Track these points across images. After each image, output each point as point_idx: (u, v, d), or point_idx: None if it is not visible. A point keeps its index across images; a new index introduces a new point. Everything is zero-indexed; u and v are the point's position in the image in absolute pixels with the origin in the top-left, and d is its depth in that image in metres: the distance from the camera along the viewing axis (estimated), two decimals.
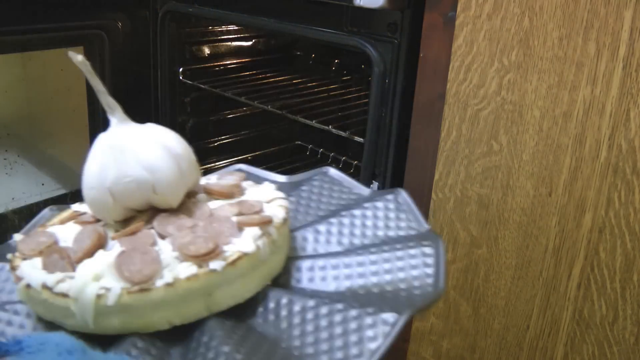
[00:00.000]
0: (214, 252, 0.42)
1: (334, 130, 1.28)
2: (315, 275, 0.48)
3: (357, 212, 0.55)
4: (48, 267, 0.43)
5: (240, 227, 0.45)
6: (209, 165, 1.60)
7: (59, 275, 0.42)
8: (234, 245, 0.43)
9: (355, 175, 1.70)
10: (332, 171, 0.62)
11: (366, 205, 0.56)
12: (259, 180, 0.60)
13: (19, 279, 0.44)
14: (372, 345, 0.40)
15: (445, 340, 1.00)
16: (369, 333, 0.41)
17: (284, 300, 0.44)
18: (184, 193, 0.48)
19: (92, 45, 1.33)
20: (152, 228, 0.46)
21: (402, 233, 0.53)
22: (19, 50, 1.49)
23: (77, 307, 0.40)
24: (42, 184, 1.60)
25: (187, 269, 0.41)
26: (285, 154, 1.79)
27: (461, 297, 0.96)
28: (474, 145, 0.88)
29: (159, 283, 0.40)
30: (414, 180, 0.98)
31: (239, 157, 1.68)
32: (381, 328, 0.41)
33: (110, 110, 0.48)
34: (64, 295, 0.40)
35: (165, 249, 0.43)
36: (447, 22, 0.87)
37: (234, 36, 1.62)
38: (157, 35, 1.38)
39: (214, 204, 0.49)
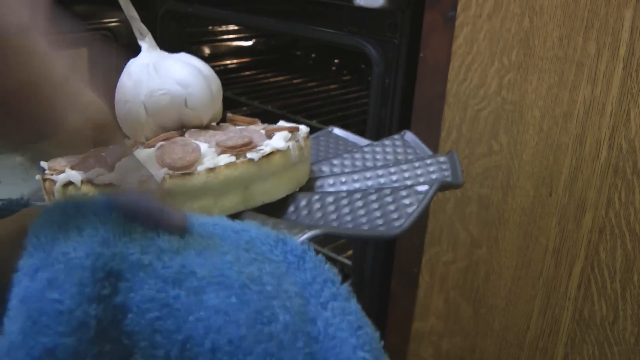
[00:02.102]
0: (250, 145, 0.44)
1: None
2: (339, 188, 0.51)
3: (367, 149, 0.58)
4: (85, 169, 0.42)
5: (269, 134, 0.47)
6: None
7: (98, 169, 0.41)
8: (267, 145, 0.46)
9: None
10: (337, 130, 0.65)
11: (375, 143, 0.59)
12: None
13: (53, 182, 0.43)
14: (409, 209, 0.44)
15: (445, 341, 1.00)
16: (405, 201, 0.45)
17: (316, 197, 0.47)
18: (213, 112, 0.50)
19: (96, 47, 1.33)
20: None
21: (412, 157, 0.57)
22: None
23: None
24: None
25: (226, 159, 0.43)
26: None
27: (461, 297, 0.96)
28: (474, 145, 0.88)
29: (200, 169, 0.41)
30: None
31: None
32: (415, 197, 0.45)
33: (141, 37, 0.51)
34: (106, 185, 0.39)
35: (203, 145, 0.44)
36: (447, 22, 0.87)
37: (234, 36, 1.62)
38: (157, 35, 1.38)
39: (239, 127, 0.51)
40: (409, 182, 0.50)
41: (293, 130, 0.49)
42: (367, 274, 1.11)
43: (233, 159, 0.43)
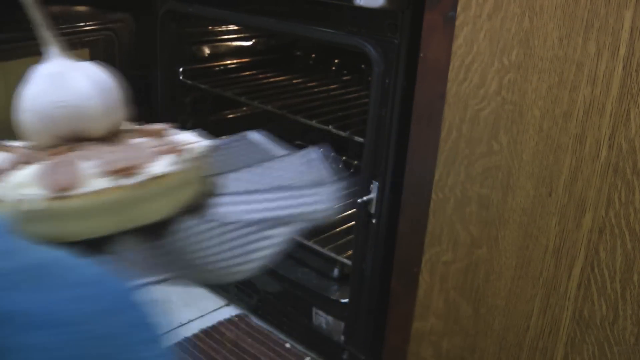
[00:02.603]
0: (130, 170, 0.46)
1: (334, 130, 1.28)
2: (225, 209, 0.53)
3: (268, 164, 0.62)
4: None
5: (157, 155, 0.49)
6: None
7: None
8: (149, 169, 0.47)
9: (355, 175, 1.70)
10: (251, 135, 0.69)
11: (280, 158, 0.63)
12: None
13: None
14: (266, 252, 0.50)
15: (445, 341, 1.00)
16: (264, 243, 0.50)
17: (192, 223, 0.50)
18: (109, 124, 0.52)
19: (98, 48, 1.33)
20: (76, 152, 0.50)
21: (306, 180, 0.60)
22: (21, 56, 1.49)
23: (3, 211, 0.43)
24: None
25: (104, 182, 0.45)
26: None
27: (461, 297, 0.96)
28: (474, 145, 0.88)
29: (79, 191, 0.44)
30: (414, 181, 0.98)
31: None
32: (275, 239, 0.51)
33: (46, 44, 0.52)
34: None
35: (87, 166, 0.46)
36: (447, 22, 0.87)
37: (234, 36, 1.62)
38: (157, 35, 1.38)
39: (138, 140, 0.53)
40: (288, 211, 0.54)
41: (179, 153, 0.50)
42: (367, 274, 1.11)
43: (113, 182, 0.45)
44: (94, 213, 0.44)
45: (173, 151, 0.49)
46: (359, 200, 1.07)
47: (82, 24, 1.28)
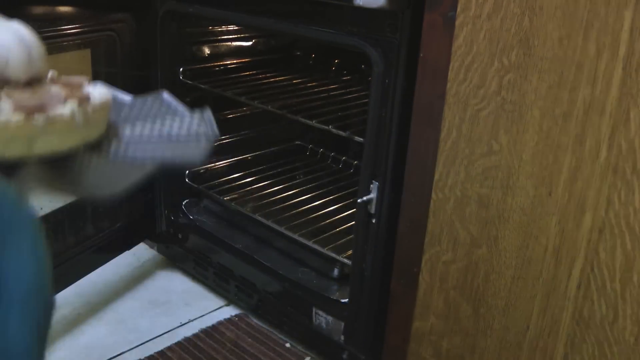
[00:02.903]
0: (40, 109, 0.58)
1: (334, 130, 1.28)
2: (122, 147, 0.67)
3: (169, 117, 0.75)
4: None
5: (66, 100, 0.61)
6: (209, 165, 1.60)
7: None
8: (57, 110, 0.59)
9: (355, 175, 1.70)
10: (166, 95, 0.81)
11: (181, 114, 0.77)
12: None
13: None
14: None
15: (445, 340, 1.00)
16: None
17: (92, 156, 0.63)
18: (29, 73, 0.62)
19: (99, 48, 1.33)
20: None
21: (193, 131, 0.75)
22: None
23: None
24: None
25: (17, 116, 0.57)
26: (285, 154, 1.79)
27: (461, 297, 0.96)
28: (474, 145, 0.88)
29: None
30: (414, 180, 0.98)
31: (239, 157, 1.68)
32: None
33: None
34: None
35: (4, 104, 0.58)
36: (447, 22, 0.87)
37: (234, 36, 1.62)
38: (157, 35, 1.38)
39: (55, 88, 0.63)
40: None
41: (82, 102, 0.61)
42: (367, 274, 1.11)
43: (24, 117, 0.56)
44: (6, 140, 0.57)
45: (81, 98, 0.61)
46: (359, 200, 1.07)
47: (83, 24, 1.28)
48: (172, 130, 0.72)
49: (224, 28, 1.59)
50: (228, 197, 1.51)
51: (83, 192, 0.74)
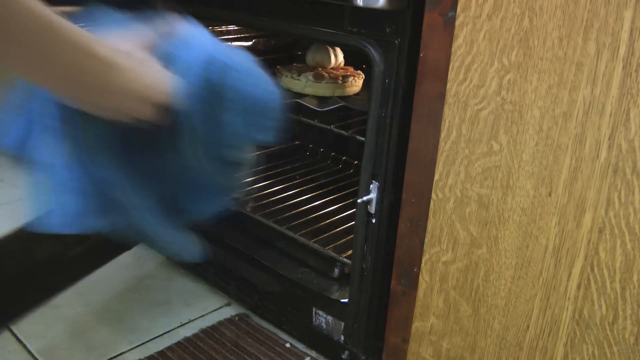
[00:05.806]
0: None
1: (335, 130, 1.28)
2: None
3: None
4: None
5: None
6: None
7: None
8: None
9: (355, 175, 1.69)
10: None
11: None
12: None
13: None
14: None
15: (445, 340, 1.00)
16: None
17: None
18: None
19: None
20: None
21: None
22: None
23: None
24: None
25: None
26: (285, 154, 1.79)
27: (461, 297, 0.96)
28: (474, 145, 0.88)
29: None
30: (414, 180, 0.98)
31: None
32: None
33: None
34: None
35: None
36: (447, 22, 0.87)
37: (234, 36, 1.62)
38: None
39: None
40: None
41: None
42: (367, 274, 1.11)
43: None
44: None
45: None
46: (359, 200, 1.07)
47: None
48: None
49: (224, 28, 1.59)
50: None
51: None
